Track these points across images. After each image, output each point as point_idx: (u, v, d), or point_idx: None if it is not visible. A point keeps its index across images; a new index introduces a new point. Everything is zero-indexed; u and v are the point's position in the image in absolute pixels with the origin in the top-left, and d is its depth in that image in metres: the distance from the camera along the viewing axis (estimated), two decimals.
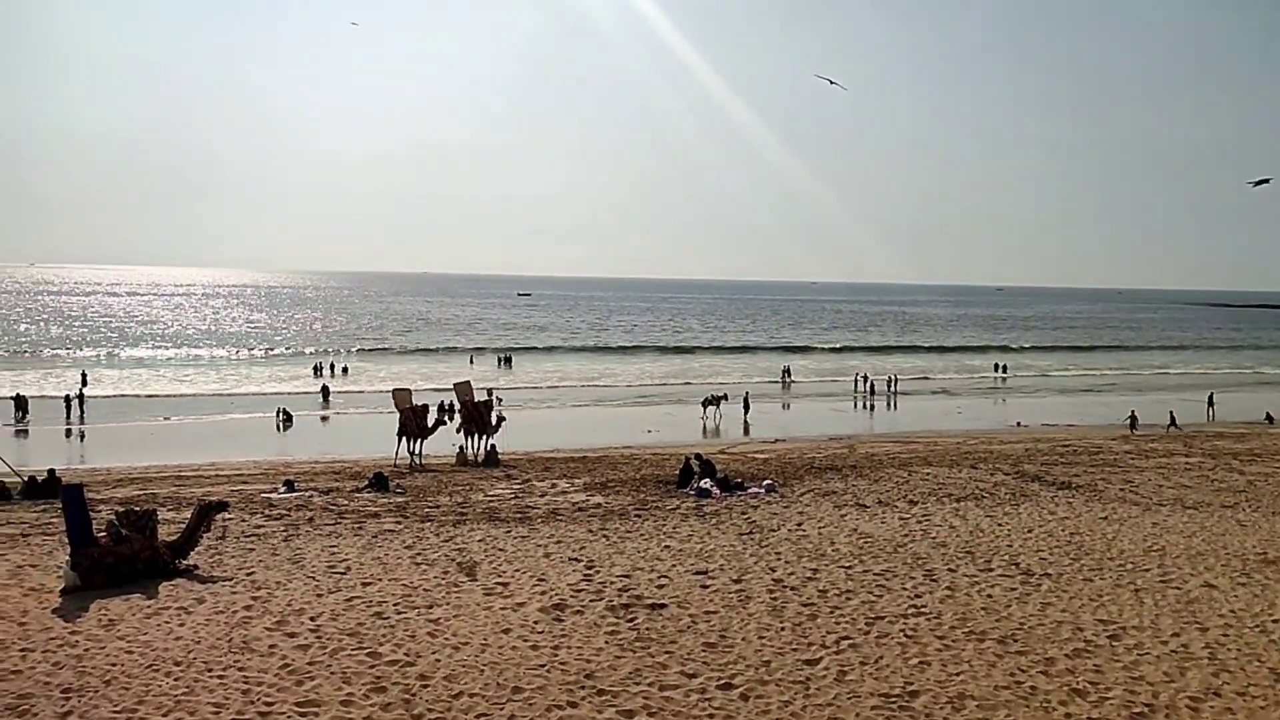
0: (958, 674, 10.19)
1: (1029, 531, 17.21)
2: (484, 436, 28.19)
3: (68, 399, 40.47)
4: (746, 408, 42.45)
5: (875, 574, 14.11)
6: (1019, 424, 40.73)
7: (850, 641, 11.17)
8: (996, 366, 71.56)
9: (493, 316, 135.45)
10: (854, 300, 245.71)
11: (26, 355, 69.83)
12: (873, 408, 49.76)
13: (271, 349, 79.16)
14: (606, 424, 40.71)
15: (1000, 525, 17.74)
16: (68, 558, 13.44)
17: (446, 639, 11.18)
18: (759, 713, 9.24)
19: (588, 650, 10.85)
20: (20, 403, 38.73)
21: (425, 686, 9.76)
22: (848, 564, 14.70)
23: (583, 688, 9.76)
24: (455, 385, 30.73)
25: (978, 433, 37.08)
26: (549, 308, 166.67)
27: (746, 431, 38.69)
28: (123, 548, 13.56)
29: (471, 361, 70.13)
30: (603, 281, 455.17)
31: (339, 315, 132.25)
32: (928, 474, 24.02)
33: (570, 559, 14.96)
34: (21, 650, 10.67)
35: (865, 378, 55.26)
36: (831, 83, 52.11)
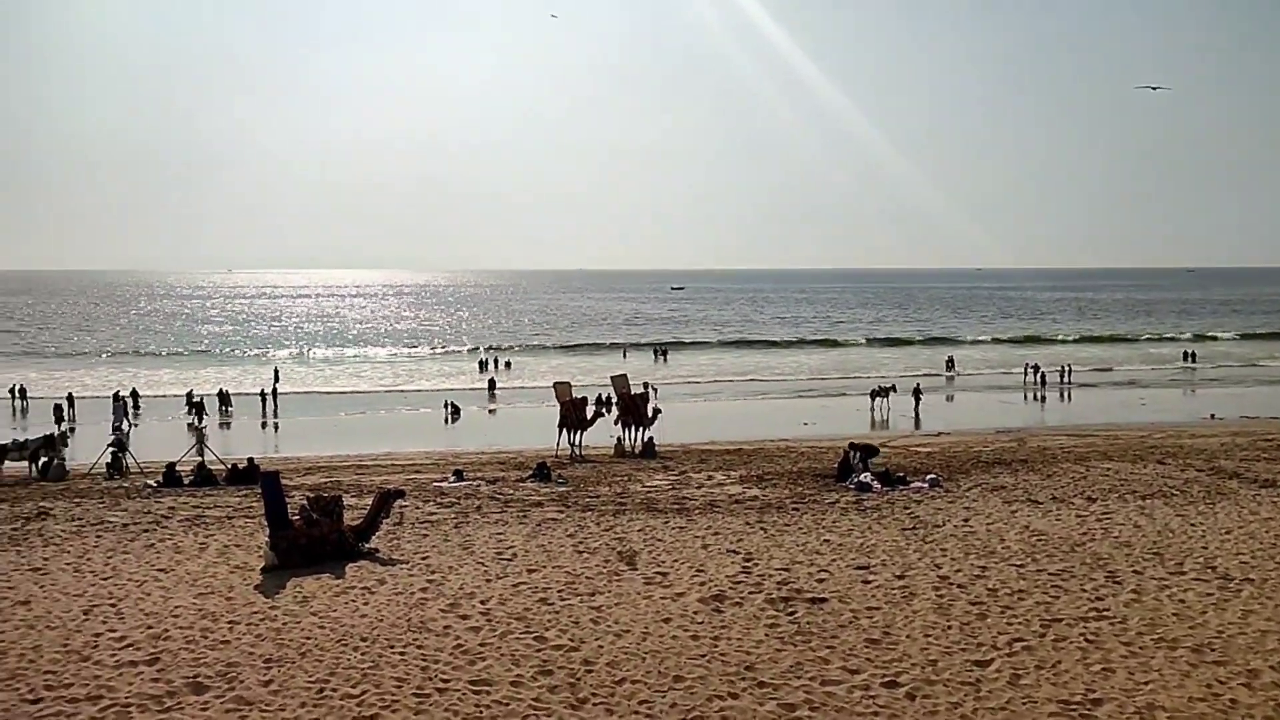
0: (1146, 683, 9.53)
1: (1227, 533, 15.82)
2: (641, 428, 28.62)
3: (263, 394, 44.01)
4: (918, 398, 41.02)
5: (1050, 574, 13.37)
6: (1212, 416, 37.52)
7: (1024, 644, 10.64)
8: (1185, 355, 66.18)
9: (648, 311, 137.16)
10: (1024, 287, 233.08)
11: (232, 354, 76.38)
12: (1044, 399, 47.14)
13: (442, 347, 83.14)
14: (762, 417, 40.43)
15: (1193, 526, 16.40)
16: (267, 538, 14.65)
17: (609, 626, 11.45)
18: (926, 713, 8.97)
19: (748, 642, 10.85)
20: (224, 398, 42.45)
21: (589, 671, 10.04)
22: (1019, 562, 14.01)
23: (743, 679, 9.77)
24: (612, 378, 31.33)
25: (1165, 426, 34.39)
26: (703, 301, 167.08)
27: (917, 424, 37.47)
28: (314, 530, 14.65)
29: (625, 355, 71.27)
30: (756, 273, 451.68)
31: (502, 312, 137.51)
32: (1108, 469, 22.52)
33: (728, 550, 14.99)
34: (229, 623, 11.72)
35: (1036, 367, 52.37)
36: (1154, 89, 51.19)
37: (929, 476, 21.13)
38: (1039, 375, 51.16)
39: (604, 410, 31.77)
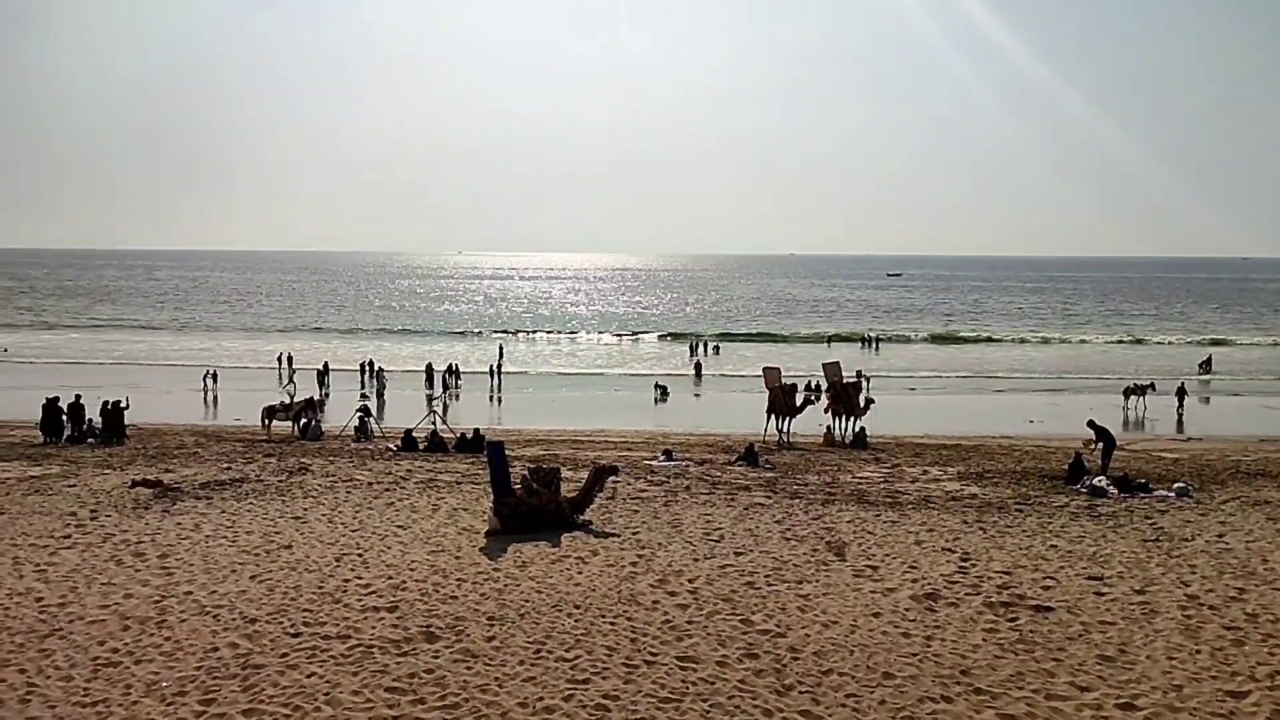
0: None
1: None
2: (852, 418, 27.94)
3: (490, 370, 46.83)
4: (1181, 399, 37.29)
5: None
6: None
7: None
8: None
9: (862, 298, 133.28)
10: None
11: (463, 332, 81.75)
12: None
13: (654, 329, 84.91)
14: (983, 412, 38.25)
15: None
16: (491, 504, 15.62)
17: (816, 615, 11.31)
18: None
19: (964, 645, 10.37)
20: (454, 372, 45.57)
21: (795, 659, 9.97)
22: None
23: (958, 683, 9.36)
24: (824, 366, 30.75)
25: None
26: (921, 288, 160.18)
27: (1180, 428, 34.07)
28: (534, 499, 15.46)
29: (829, 343, 69.60)
30: (980, 260, 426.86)
31: (712, 296, 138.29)
32: None
33: (944, 549, 14.37)
34: (457, 580, 12.63)
35: None
36: None
37: (1176, 485, 19.25)
38: None
39: (814, 398, 31.26)
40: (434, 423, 27.03)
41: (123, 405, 26.31)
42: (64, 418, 26.00)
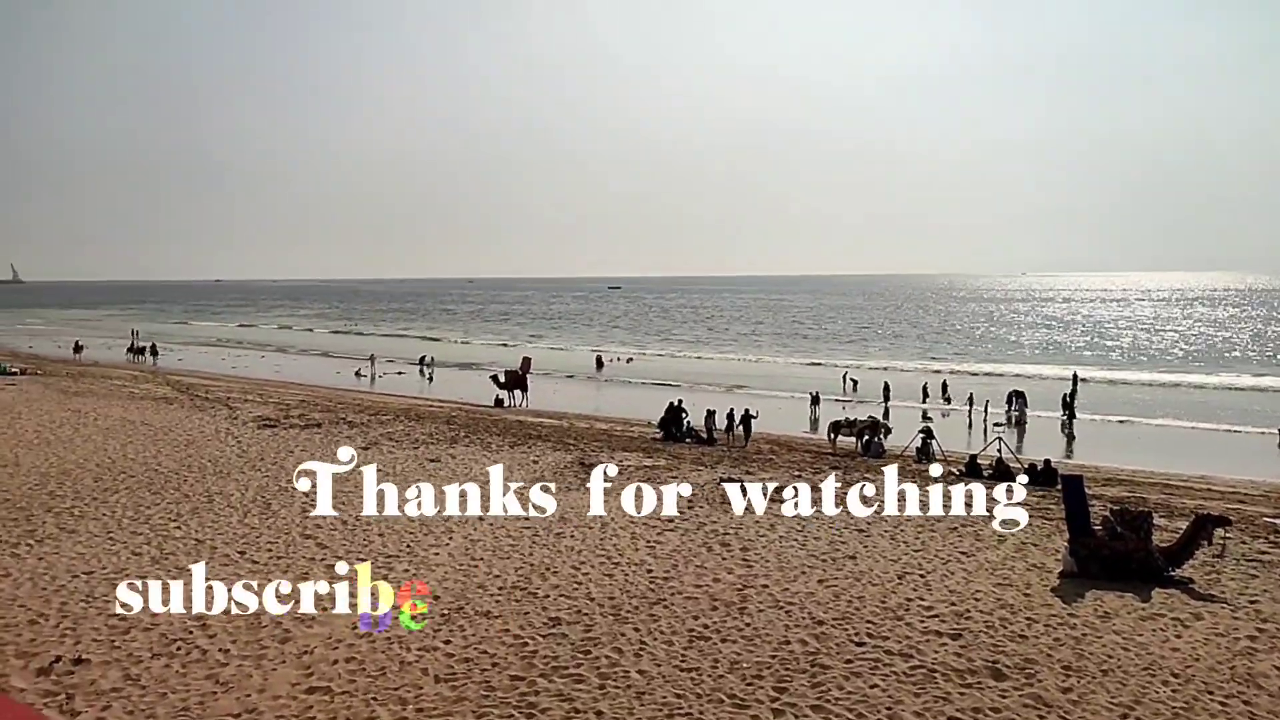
0: None
1: None
2: None
3: (1063, 400, 43.04)
4: None
5: None
6: None
7: None
8: None
9: None
10: None
11: (1031, 355, 76.79)
12: None
13: (1250, 361, 70.23)
14: None
15: None
16: (1066, 543, 14.31)
17: None
18: None
19: None
20: (1021, 399, 42.80)
21: None
22: None
23: None
24: None
25: None
26: None
27: None
28: (1118, 544, 13.80)
29: None
30: None
31: None
32: None
33: None
34: (1026, 619, 11.80)
35: None
36: None
37: None
38: None
39: None
40: (999, 450, 25.74)
41: (753, 415, 30.29)
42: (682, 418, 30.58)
